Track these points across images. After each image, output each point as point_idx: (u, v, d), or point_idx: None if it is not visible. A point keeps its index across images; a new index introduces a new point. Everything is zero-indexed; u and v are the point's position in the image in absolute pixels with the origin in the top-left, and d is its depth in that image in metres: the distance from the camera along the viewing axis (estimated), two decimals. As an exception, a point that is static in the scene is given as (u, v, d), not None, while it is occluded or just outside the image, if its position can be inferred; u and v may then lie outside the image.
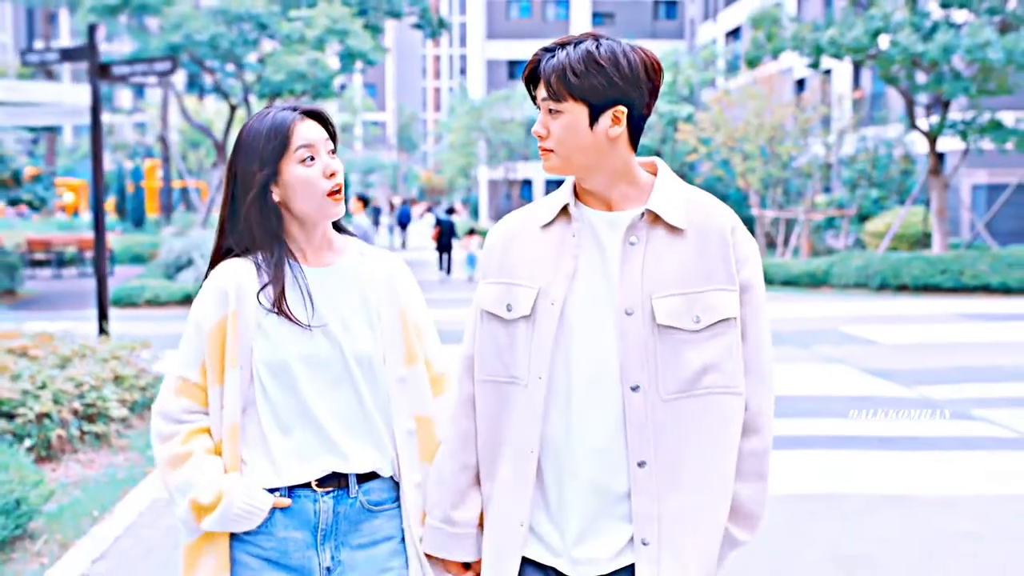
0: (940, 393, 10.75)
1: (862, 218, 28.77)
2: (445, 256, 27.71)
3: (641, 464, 2.29)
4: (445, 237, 27.36)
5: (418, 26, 26.98)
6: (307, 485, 2.51)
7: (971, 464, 7.92)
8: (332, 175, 2.53)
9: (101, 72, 10.24)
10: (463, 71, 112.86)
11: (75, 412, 7.85)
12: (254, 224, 2.54)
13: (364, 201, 13.87)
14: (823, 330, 15.95)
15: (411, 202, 75.42)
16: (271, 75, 22.76)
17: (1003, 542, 6.09)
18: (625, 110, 2.35)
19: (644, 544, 2.30)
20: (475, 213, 64.27)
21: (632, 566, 2.32)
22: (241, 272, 2.56)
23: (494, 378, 2.43)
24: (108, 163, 50.13)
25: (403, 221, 44.33)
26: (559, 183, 67.96)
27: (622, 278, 2.32)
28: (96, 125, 10.09)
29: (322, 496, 2.51)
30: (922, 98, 24.01)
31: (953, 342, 14.66)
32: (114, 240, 30.52)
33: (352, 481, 2.53)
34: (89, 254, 27.18)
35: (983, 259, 21.57)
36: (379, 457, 2.56)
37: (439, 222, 27.70)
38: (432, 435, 2.61)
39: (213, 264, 2.61)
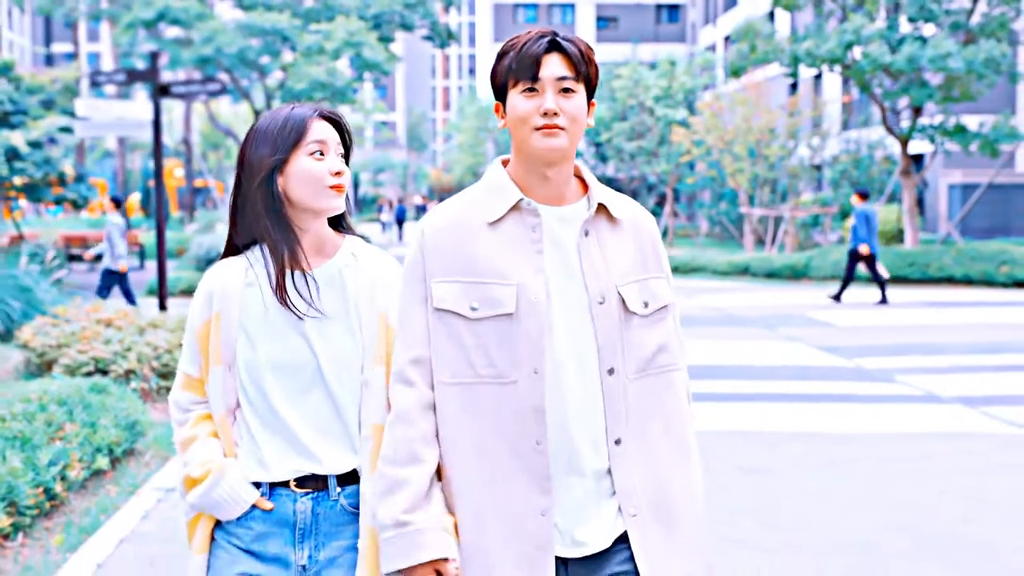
0: (873, 363, 12.63)
1: (844, 215, 30.65)
2: None
3: (618, 442, 2.40)
4: None
5: (428, 38, 28.97)
6: (287, 484, 2.56)
7: (875, 412, 9.81)
8: (338, 174, 2.58)
9: (162, 91, 12.14)
10: (472, 71, 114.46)
11: (153, 369, 9.76)
12: (261, 210, 2.58)
13: (116, 202, 16.21)
14: (790, 315, 17.82)
15: (403, 200, 77.49)
16: (293, 84, 24.74)
17: (878, 462, 7.97)
18: (595, 103, 2.49)
19: (632, 515, 2.40)
20: (483, 211, 66.18)
21: (624, 535, 2.42)
22: (229, 273, 2.63)
23: (463, 379, 2.40)
24: (127, 163, 52.05)
25: (400, 218, 51.48)
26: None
27: (586, 269, 2.41)
28: (157, 137, 11.99)
29: (301, 496, 2.55)
30: (897, 103, 25.87)
31: (902, 325, 16.54)
32: (142, 236, 32.46)
33: (332, 483, 2.55)
34: (121, 249, 29.09)
35: (948, 253, 23.39)
36: (356, 458, 2.57)
37: None
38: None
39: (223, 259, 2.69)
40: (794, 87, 41.09)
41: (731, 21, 50.92)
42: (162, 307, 12.66)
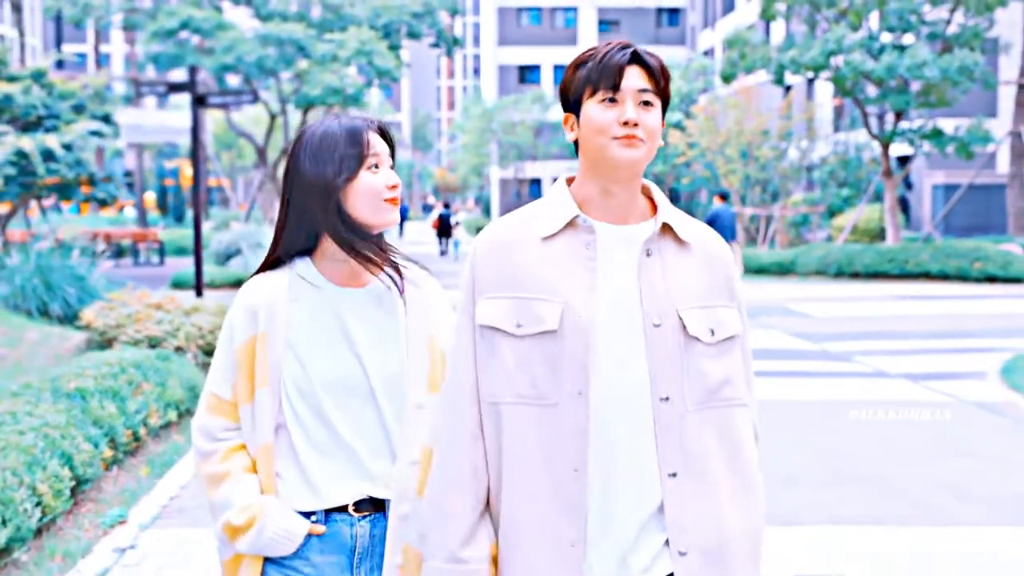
0: (837, 347, 14.06)
1: (831, 214, 32.10)
2: (444, 240, 38.67)
3: (672, 475, 2.25)
4: (444, 226, 38.04)
5: (435, 45, 30.47)
6: (343, 509, 2.49)
7: (829, 386, 11.24)
8: (393, 187, 2.54)
9: (199, 102, 13.58)
10: (476, 71, 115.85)
11: (199, 347, 11.19)
12: (327, 227, 2.50)
13: None
14: (772, 307, 19.25)
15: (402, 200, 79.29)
16: (309, 90, 26.23)
17: (821, 420, 9.39)
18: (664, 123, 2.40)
19: (681, 554, 2.25)
20: (487, 210, 67.69)
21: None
22: (272, 288, 2.53)
23: (504, 400, 2.30)
24: (134, 161, 53.58)
25: (402, 216, 58.66)
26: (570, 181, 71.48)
27: (644, 290, 2.28)
28: (195, 143, 13.43)
29: (359, 520, 2.50)
30: (875, 109, 27.29)
31: (873, 315, 17.98)
32: (161, 234, 33.98)
33: (388, 506, 2.50)
34: (143, 246, 30.62)
35: (925, 250, 24.81)
36: None
37: (440, 216, 38.39)
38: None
39: (260, 271, 2.60)
40: (788, 90, 42.49)
41: (729, 25, 52.31)
42: (199, 293, 14.12)
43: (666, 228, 2.34)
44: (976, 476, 7.50)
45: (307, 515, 2.49)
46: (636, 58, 2.31)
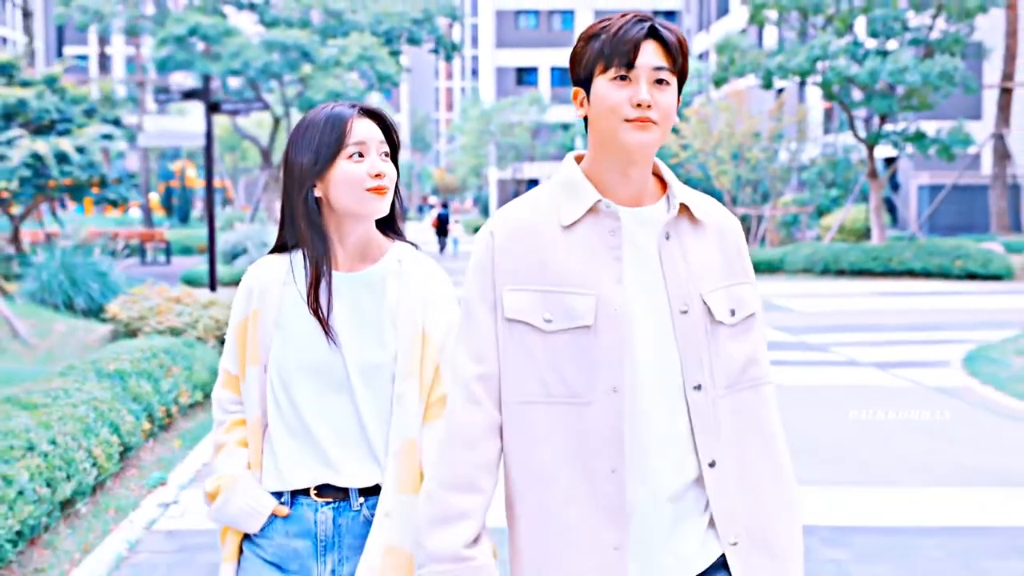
0: (815, 339, 14.92)
1: (820, 214, 32.99)
2: (442, 238, 41.06)
3: (712, 464, 2.18)
4: (443, 225, 40.68)
5: (434, 51, 31.41)
6: (307, 493, 2.49)
7: (801, 372, 12.10)
8: (378, 175, 2.46)
9: (213, 108, 14.43)
10: (475, 72, 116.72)
11: (216, 337, 12.03)
12: (301, 218, 2.50)
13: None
14: (757, 302, 20.12)
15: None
16: (312, 95, 27.13)
17: (791, 402, 10.25)
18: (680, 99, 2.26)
19: (732, 544, 2.20)
20: (485, 210, 68.57)
21: (718, 563, 2.21)
22: (271, 270, 2.57)
23: (533, 399, 2.17)
24: (135, 163, 54.52)
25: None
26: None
27: (668, 276, 2.18)
28: (209, 147, 14.28)
29: (322, 506, 2.48)
30: (862, 112, 28.18)
31: (853, 310, 18.85)
32: (167, 234, 34.82)
33: (353, 494, 2.47)
34: (150, 245, 31.47)
35: (909, 248, 25.68)
36: (378, 472, 2.47)
37: (439, 215, 40.95)
38: (414, 461, 2.45)
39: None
40: (780, 92, 43.39)
41: (723, 28, 53.15)
42: (212, 288, 15.00)
43: (682, 208, 2.24)
44: (922, 448, 8.36)
45: (278, 496, 2.51)
46: (653, 32, 2.17)
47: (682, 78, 2.22)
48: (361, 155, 2.47)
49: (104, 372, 7.90)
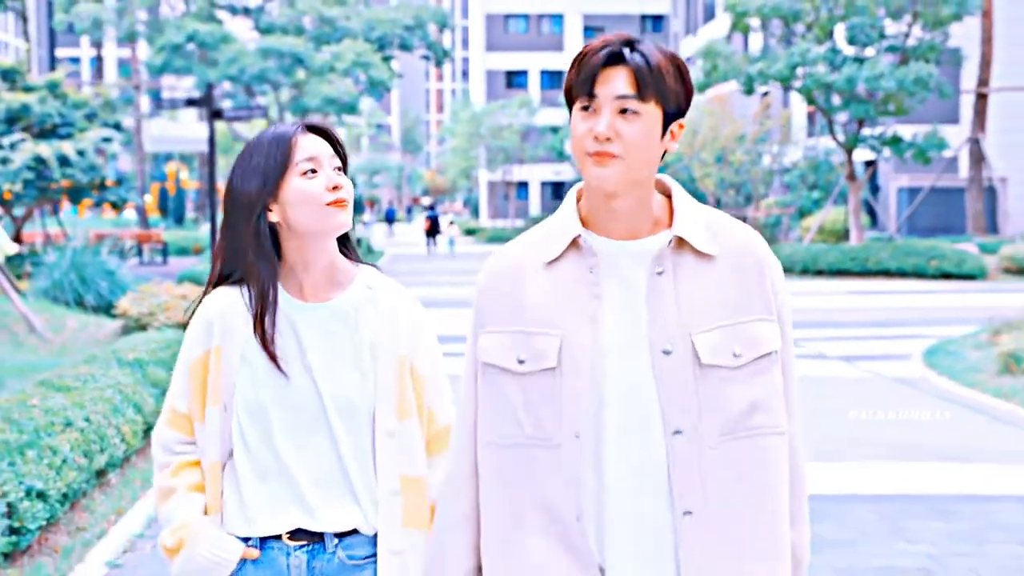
0: (787, 334, 15.72)
1: (802, 215, 33.90)
2: (432, 239, 41.83)
3: (687, 513, 2.03)
4: (433, 226, 41.71)
5: (425, 57, 32.25)
6: (278, 537, 2.36)
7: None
8: (336, 188, 2.34)
9: (215, 115, 15.17)
10: (465, 74, 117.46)
11: (221, 332, 12.79)
12: (249, 248, 2.34)
13: None
14: (736, 300, 20.96)
15: (391, 202, 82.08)
16: (307, 100, 27.94)
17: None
18: (683, 124, 2.12)
19: None
20: (475, 212, 69.45)
21: None
22: (230, 302, 2.39)
23: (510, 440, 2.11)
24: (127, 165, 55.23)
25: (390, 218, 62.69)
26: (556, 184, 71.38)
27: (653, 314, 2.05)
28: (212, 152, 15.02)
29: (295, 551, 2.36)
30: (843, 116, 29.06)
31: (826, 307, 19.68)
32: (164, 235, 35.57)
33: (328, 537, 2.35)
34: (147, 246, 32.21)
35: (886, 249, 26.53)
36: (357, 514, 2.36)
37: (429, 216, 42.25)
38: (421, 497, 2.38)
39: (207, 292, 2.44)
40: (765, 95, 44.28)
41: (711, 32, 54.00)
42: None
43: (681, 241, 2.08)
44: (871, 430, 9.15)
45: (244, 540, 2.38)
46: (616, 59, 2.02)
47: (669, 104, 2.04)
48: (314, 171, 2.34)
49: (124, 360, 8.65)
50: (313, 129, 2.41)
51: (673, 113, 2.06)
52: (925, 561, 5.73)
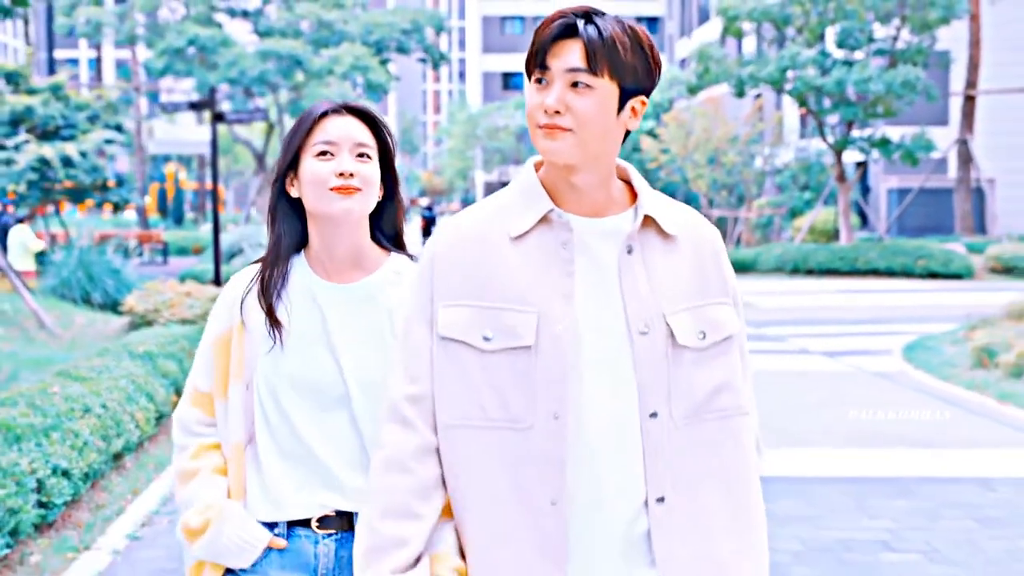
0: (774, 331, 16.19)
1: (794, 216, 34.39)
2: (427, 239, 43.99)
3: (660, 500, 2.00)
4: (429, 226, 42.46)
5: (422, 60, 32.73)
6: (307, 523, 2.30)
7: (758, 361, 13.34)
8: (343, 174, 2.29)
9: (217, 118, 15.63)
10: (462, 75, 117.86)
11: (225, 328, 13.23)
12: (277, 218, 2.40)
13: None
14: (726, 299, 21.43)
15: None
16: (306, 103, 28.39)
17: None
18: (645, 101, 2.06)
19: None
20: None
21: None
22: (254, 280, 2.39)
23: (471, 423, 2.01)
24: (125, 166, 55.64)
25: None
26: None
27: (627, 294, 2.01)
28: (214, 155, 15.47)
29: (323, 538, 2.31)
30: (834, 118, 29.55)
31: (813, 306, 20.16)
32: (164, 235, 36.00)
33: (357, 521, 2.27)
34: (147, 246, 32.66)
35: (875, 249, 27.01)
36: None
37: (426, 216, 42.75)
38: None
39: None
40: (758, 97, 44.77)
41: (705, 35, 54.45)
42: (218, 283, 16.22)
43: (648, 220, 2.07)
44: (845, 419, 9.61)
45: (271, 527, 2.32)
46: (570, 31, 1.98)
47: (626, 78, 1.99)
48: (331, 154, 2.31)
49: (135, 353, 9.10)
50: (353, 111, 2.37)
51: (631, 89, 2.01)
52: (884, 535, 6.20)
